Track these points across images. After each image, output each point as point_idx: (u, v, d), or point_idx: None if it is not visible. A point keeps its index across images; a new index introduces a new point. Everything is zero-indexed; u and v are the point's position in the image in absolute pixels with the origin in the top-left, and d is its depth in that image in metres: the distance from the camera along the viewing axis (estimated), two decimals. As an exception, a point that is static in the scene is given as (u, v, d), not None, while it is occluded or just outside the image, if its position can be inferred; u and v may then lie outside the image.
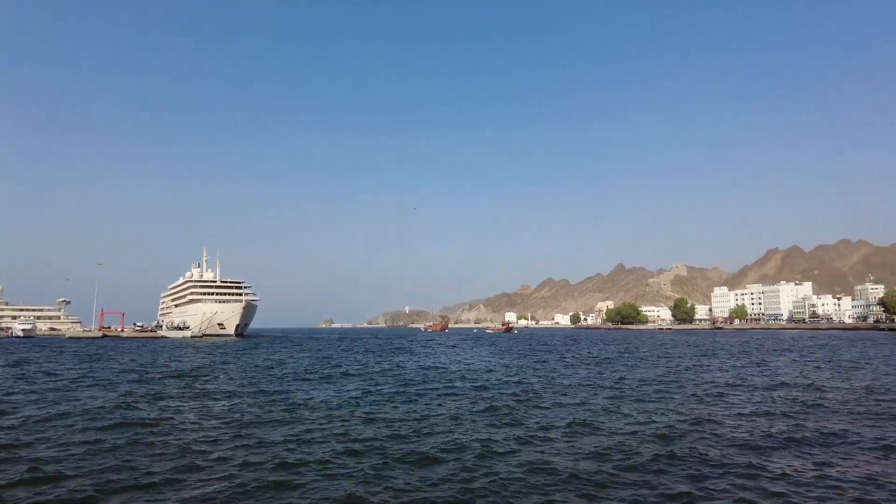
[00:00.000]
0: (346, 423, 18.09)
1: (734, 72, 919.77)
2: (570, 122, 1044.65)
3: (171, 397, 24.73)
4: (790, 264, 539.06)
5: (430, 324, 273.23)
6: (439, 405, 22.23)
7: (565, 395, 25.20)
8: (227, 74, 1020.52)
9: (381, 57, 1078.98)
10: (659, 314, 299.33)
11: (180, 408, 21.60)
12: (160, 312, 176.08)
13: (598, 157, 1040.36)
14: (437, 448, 14.58)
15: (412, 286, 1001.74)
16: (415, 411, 20.69)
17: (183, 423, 18.34)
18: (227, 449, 14.56)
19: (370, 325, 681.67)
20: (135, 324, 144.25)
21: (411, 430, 16.93)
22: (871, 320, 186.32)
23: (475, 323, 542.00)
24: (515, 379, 32.30)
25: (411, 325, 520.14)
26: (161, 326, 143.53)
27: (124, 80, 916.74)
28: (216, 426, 17.70)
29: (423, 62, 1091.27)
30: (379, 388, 28.22)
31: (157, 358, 52.97)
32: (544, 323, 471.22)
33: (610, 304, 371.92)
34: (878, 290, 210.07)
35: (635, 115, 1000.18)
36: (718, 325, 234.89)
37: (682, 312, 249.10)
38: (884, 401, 22.69)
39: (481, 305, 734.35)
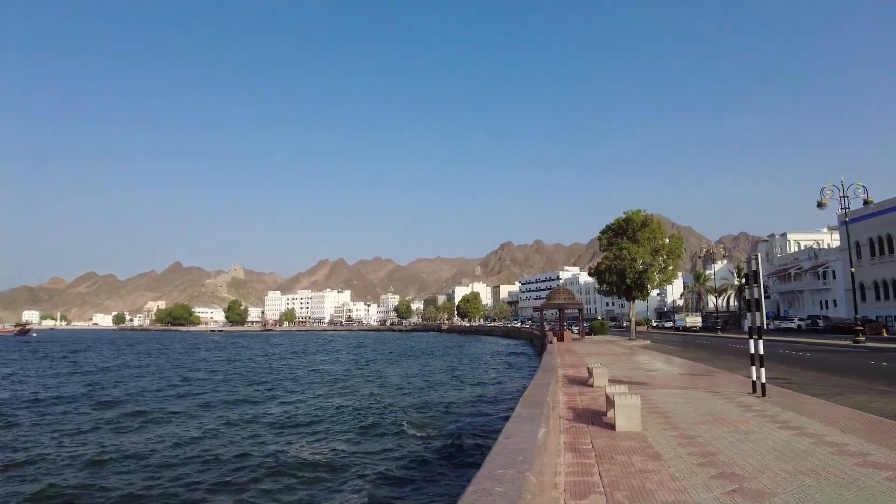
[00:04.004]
0: None
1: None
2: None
3: None
4: (337, 274, 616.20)
5: None
6: None
7: None
8: None
9: None
10: (213, 315, 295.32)
11: None
12: None
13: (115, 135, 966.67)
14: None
15: None
16: None
17: None
18: None
19: None
20: None
21: None
22: (388, 323, 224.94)
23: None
24: None
25: None
26: None
27: None
28: None
29: None
30: None
31: None
32: (79, 324, 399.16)
33: (162, 304, 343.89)
34: (395, 300, 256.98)
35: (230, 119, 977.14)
36: (269, 327, 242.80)
37: (236, 314, 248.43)
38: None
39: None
